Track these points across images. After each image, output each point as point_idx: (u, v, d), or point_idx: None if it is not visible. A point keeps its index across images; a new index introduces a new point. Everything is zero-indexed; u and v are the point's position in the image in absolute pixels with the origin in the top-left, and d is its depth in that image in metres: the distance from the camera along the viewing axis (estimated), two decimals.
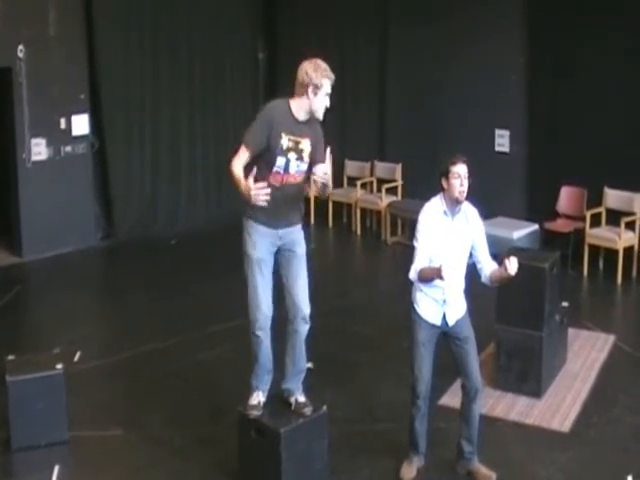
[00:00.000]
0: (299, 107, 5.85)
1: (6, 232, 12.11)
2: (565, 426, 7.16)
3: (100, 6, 12.12)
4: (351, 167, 13.63)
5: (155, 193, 13.23)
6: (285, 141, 5.79)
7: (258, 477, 6.15)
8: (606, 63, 10.91)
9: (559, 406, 7.48)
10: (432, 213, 6.16)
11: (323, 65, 5.84)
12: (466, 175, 6.11)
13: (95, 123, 12.37)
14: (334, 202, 13.17)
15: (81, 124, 12.13)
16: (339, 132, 13.89)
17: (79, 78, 12.07)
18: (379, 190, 12.97)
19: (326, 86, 5.83)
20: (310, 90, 5.77)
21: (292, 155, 5.84)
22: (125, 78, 12.58)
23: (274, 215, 5.88)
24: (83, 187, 12.32)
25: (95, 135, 12.40)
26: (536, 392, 7.59)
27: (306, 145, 5.90)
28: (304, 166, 5.92)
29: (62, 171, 11.97)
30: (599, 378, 8.04)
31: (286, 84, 14.85)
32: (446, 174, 6.12)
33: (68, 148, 12.05)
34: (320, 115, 5.94)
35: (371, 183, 13.32)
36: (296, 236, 6.09)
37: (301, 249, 6.10)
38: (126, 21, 12.50)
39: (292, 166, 5.86)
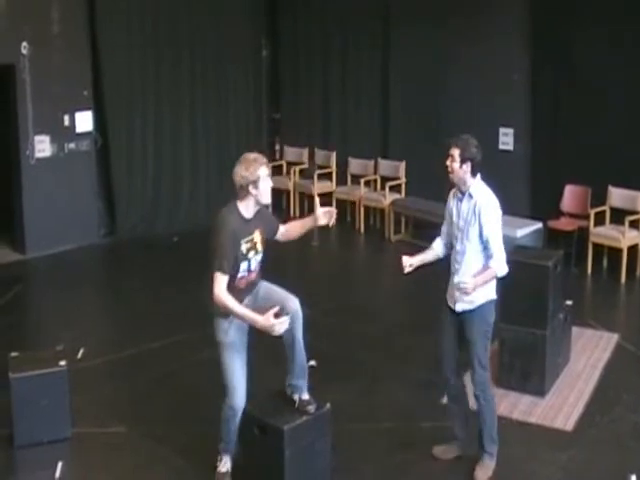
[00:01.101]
0: (247, 207, 5.96)
1: (9, 229, 12.11)
2: (568, 425, 7.14)
3: (103, 3, 12.10)
4: (355, 165, 13.62)
5: (157, 190, 13.22)
6: (244, 247, 5.93)
7: (261, 475, 6.13)
8: (609, 62, 10.90)
9: (562, 405, 7.47)
10: (450, 194, 6.43)
11: (251, 157, 5.93)
12: (454, 156, 6.16)
13: (98, 120, 12.37)
14: (337, 200, 13.16)
15: (85, 121, 12.13)
16: (342, 130, 13.91)
17: (82, 75, 12.07)
18: (383, 188, 12.96)
19: (262, 172, 5.88)
20: (251, 188, 5.86)
21: (251, 254, 6.00)
22: (128, 75, 12.57)
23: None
24: (86, 184, 12.32)
25: (98, 132, 12.40)
26: (539, 391, 7.57)
27: (258, 236, 6.03)
28: (261, 255, 6.09)
29: (65, 168, 11.97)
30: (602, 377, 8.03)
31: (289, 82, 14.97)
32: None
33: (72, 145, 12.05)
34: (268, 200, 6.00)
35: (375, 181, 13.31)
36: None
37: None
38: (129, 18, 12.49)
39: (253, 263, 6.04)
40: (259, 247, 6.04)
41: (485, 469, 6.50)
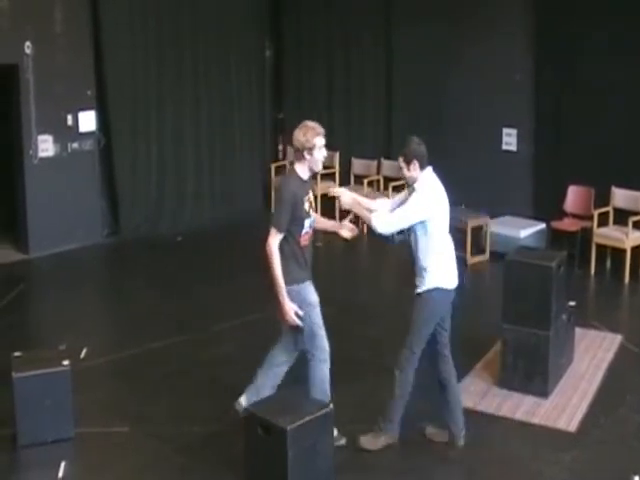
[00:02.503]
0: (303, 170, 6.53)
1: (12, 228, 12.12)
2: (571, 426, 7.13)
3: (106, 3, 12.11)
4: (358, 165, 13.62)
5: (161, 190, 13.22)
6: (306, 205, 6.53)
7: (264, 475, 6.13)
8: (612, 62, 10.88)
9: (565, 406, 7.46)
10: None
11: (310, 125, 6.48)
12: (400, 165, 6.58)
13: (102, 120, 12.37)
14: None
15: (88, 121, 12.14)
16: (346, 130, 13.91)
17: (86, 74, 12.08)
18: (386, 188, 12.95)
19: (318, 142, 6.43)
20: (306, 153, 6.42)
21: (311, 211, 6.63)
22: (132, 75, 12.58)
23: (308, 270, 6.66)
24: (89, 184, 12.33)
25: (102, 132, 12.40)
26: (542, 391, 7.56)
27: (312, 197, 6.68)
28: (314, 216, 6.74)
29: (69, 168, 11.97)
30: (606, 378, 8.02)
31: (292, 82, 15.00)
32: None
33: (75, 145, 12.05)
34: (319, 168, 6.64)
35: (378, 181, 13.31)
36: None
37: None
38: (132, 18, 12.50)
39: (312, 222, 6.66)
40: (312, 207, 6.64)
41: (371, 439, 6.76)
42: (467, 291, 11.17)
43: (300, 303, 6.53)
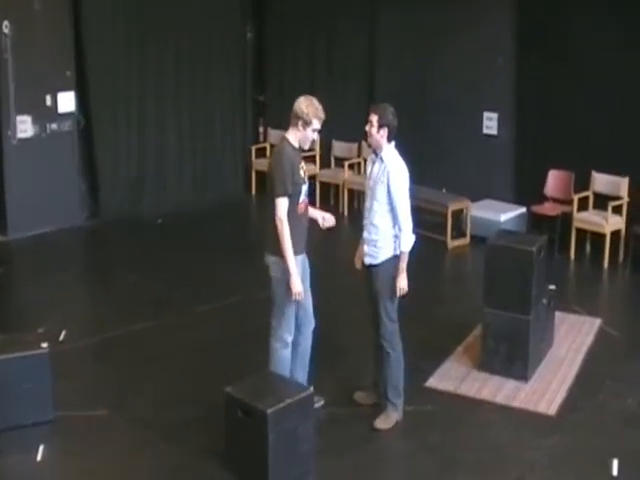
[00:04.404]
0: (295, 138, 6.63)
1: None
2: (551, 410, 7.16)
3: None
4: (338, 148, 13.57)
5: (141, 172, 13.13)
6: (302, 172, 6.61)
7: (244, 458, 6.14)
8: (595, 47, 10.87)
9: (545, 390, 7.49)
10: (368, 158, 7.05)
11: (316, 104, 6.65)
12: (372, 121, 6.67)
13: (81, 101, 12.27)
14: (321, 183, 13.12)
15: (67, 101, 12.01)
16: (327, 113, 13.74)
17: (65, 55, 11.95)
18: (366, 171, 12.90)
19: (315, 124, 6.59)
20: (300, 123, 6.55)
21: (306, 179, 6.70)
22: (112, 55, 12.44)
23: (303, 242, 6.68)
24: (69, 165, 12.23)
25: (81, 113, 12.30)
26: (523, 375, 7.59)
27: (304, 166, 6.73)
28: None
29: (48, 149, 11.87)
30: (585, 362, 8.06)
31: (274, 64, 14.92)
32: None
33: (54, 125, 11.94)
34: (306, 146, 6.73)
35: (358, 164, 13.28)
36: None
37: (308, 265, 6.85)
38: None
39: (307, 190, 6.71)
40: (306, 176, 6.72)
41: (386, 419, 6.84)
42: (448, 274, 11.30)
43: (283, 274, 6.53)
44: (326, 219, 6.95)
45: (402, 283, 6.68)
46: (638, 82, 10.63)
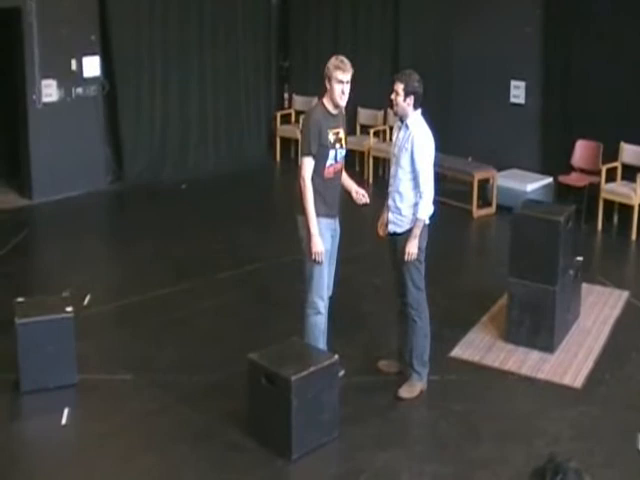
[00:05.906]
0: (328, 101, 6.61)
1: (16, 174, 12.02)
2: (577, 382, 7.09)
3: None
4: (364, 115, 13.47)
5: (165, 137, 13.09)
6: (331, 137, 6.56)
7: (267, 425, 6.12)
8: (625, 15, 10.71)
9: (571, 362, 7.41)
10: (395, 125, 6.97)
11: (340, 57, 6.60)
12: (398, 90, 6.59)
13: (106, 66, 12.22)
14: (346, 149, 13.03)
15: (92, 66, 11.98)
16: (352, 79, 13.70)
17: (90, 19, 11.89)
18: (392, 138, 12.80)
19: (338, 75, 6.50)
20: (326, 81, 6.57)
21: (337, 146, 6.63)
22: (136, 20, 12.39)
23: (332, 205, 6.67)
24: (93, 130, 12.20)
25: (106, 77, 12.26)
26: (548, 347, 7.51)
27: (342, 133, 6.70)
28: (344, 151, 6.75)
29: (73, 113, 11.84)
30: (612, 334, 7.97)
31: (298, 30, 14.80)
32: None
33: (79, 90, 11.91)
34: (341, 103, 6.63)
35: (384, 131, 13.18)
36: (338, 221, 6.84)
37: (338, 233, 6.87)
38: None
39: (339, 155, 6.67)
40: (343, 143, 6.71)
41: (411, 388, 6.81)
42: (473, 244, 11.23)
43: (307, 234, 6.55)
44: (360, 194, 6.89)
45: (412, 249, 6.57)
46: None
